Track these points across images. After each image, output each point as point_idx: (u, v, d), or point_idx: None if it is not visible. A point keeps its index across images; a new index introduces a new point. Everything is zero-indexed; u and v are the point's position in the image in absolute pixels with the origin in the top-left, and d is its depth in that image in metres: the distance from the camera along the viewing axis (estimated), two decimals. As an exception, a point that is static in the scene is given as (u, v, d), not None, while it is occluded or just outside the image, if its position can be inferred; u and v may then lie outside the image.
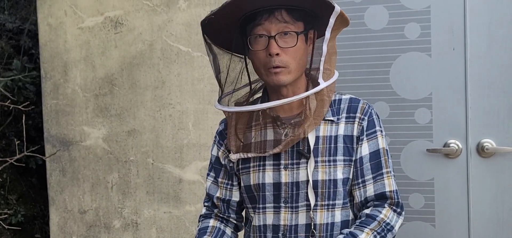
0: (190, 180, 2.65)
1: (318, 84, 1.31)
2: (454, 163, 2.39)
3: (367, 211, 1.36)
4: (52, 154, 2.81)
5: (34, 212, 3.69)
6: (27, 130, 3.15)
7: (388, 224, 1.34)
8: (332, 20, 1.28)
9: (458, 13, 2.34)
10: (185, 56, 2.62)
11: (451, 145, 2.37)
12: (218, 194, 1.50)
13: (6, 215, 3.29)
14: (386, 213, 1.35)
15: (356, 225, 1.34)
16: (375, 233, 1.32)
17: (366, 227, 1.32)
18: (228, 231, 1.50)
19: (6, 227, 3.12)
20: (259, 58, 1.31)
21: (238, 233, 1.56)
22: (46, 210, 3.34)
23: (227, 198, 1.49)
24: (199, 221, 1.54)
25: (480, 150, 2.35)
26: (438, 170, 2.41)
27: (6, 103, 2.98)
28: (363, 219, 1.35)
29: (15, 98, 3.33)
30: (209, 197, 1.53)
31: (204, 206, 1.54)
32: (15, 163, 2.83)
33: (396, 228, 1.36)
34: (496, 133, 2.34)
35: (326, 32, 1.29)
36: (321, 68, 1.30)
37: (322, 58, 1.30)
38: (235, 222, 1.52)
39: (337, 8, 1.27)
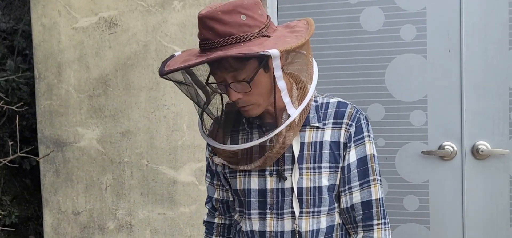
0: (185, 181, 2.64)
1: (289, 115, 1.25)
2: (449, 165, 2.39)
3: None
4: (45, 155, 2.79)
5: (28, 213, 3.67)
6: (21, 131, 3.14)
7: None
8: (275, 63, 1.17)
9: (454, 15, 2.34)
10: None
11: (446, 147, 2.37)
12: (216, 196, 1.52)
13: (0, 216, 3.28)
14: (378, 236, 1.35)
15: None
16: None
17: None
18: None
19: (0, 228, 3.11)
20: (229, 99, 1.28)
21: None
22: (40, 211, 3.33)
23: (225, 198, 1.50)
24: (203, 224, 1.59)
25: (475, 152, 2.35)
26: (433, 172, 2.41)
27: (0, 104, 2.97)
28: None
29: (8, 98, 3.32)
30: (209, 198, 1.55)
31: (207, 208, 1.58)
32: (9, 164, 2.81)
33: None
34: (491, 136, 2.34)
35: (274, 73, 1.19)
36: (286, 100, 1.24)
37: (283, 93, 1.23)
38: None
39: (274, 53, 1.14)
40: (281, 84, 1.21)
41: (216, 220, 1.55)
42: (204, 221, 1.59)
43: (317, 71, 1.32)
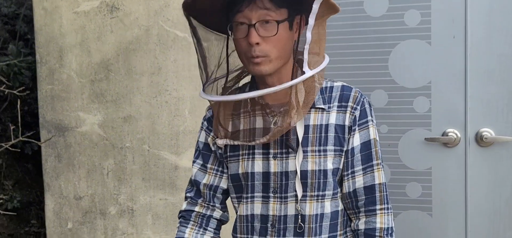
0: (186, 167, 2.62)
1: (303, 72, 1.25)
2: (452, 152, 2.35)
3: (362, 226, 1.34)
4: (47, 139, 2.77)
5: (30, 198, 3.68)
6: (22, 115, 3.13)
7: (387, 229, 1.33)
8: (315, 7, 1.20)
9: (459, 1, 2.29)
10: (182, 42, 2.57)
11: (449, 134, 2.34)
12: (205, 181, 1.43)
13: (1, 201, 3.28)
14: (381, 221, 1.33)
15: None
16: None
17: None
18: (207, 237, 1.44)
19: (2, 212, 3.10)
20: (241, 47, 1.25)
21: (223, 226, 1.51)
22: (42, 196, 3.34)
23: (215, 184, 1.43)
24: (178, 218, 1.47)
25: (479, 139, 2.32)
26: (436, 159, 2.37)
27: (2, 88, 2.96)
28: None
29: (10, 83, 3.30)
30: (193, 186, 1.46)
31: (186, 197, 1.46)
32: (10, 149, 2.81)
33: (393, 225, 1.35)
34: (495, 123, 2.31)
35: (309, 19, 1.21)
36: (305, 56, 1.24)
37: (306, 46, 1.23)
38: (220, 211, 1.46)
39: None
40: (309, 35, 1.21)
41: (196, 209, 1.44)
42: (181, 211, 1.47)
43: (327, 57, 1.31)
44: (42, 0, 2.72)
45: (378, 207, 1.33)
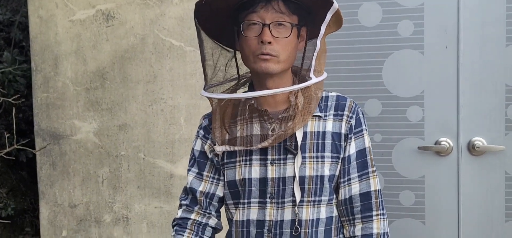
0: (182, 175, 2.61)
1: (306, 80, 1.28)
2: (445, 160, 2.36)
3: (359, 233, 1.36)
4: (42, 148, 2.76)
5: (24, 206, 3.68)
6: (17, 123, 3.12)
7: (384, 234, 1.35)
8: (328, 16, 1.25)
9: (451, 11, 2.31)
10: (178, 51, 2.57)
11: (442, 143, 2.35)
12: (201, 188, 1.43)
13: None
14: (377, 226, 1.35)
15: None
16: None
17: None
18: None
19: None
20: (250, 45, 1.27)
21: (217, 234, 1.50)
22: (37, 204, 3.33)
23: (212, 192, 1.43)
24: (173, 227, 1.46)
25: (471, 148, 2.33)
26: (429, 167, 2.38)
27: None
28: None
29: (5, 90, 3.32)
30: (188, 194, 1.45)
31: (181, 205, 1.46)
32: (5, 157, 2.80)
33: (388, 230, 1.38)
34: (487, 132, 2.32)
35: (321, 27, 1.26)
36: (313, 62, 1.28)
37: (315, 54, 1.28)
38: (215, 219, 1.46)
39: (335, 4, 1.25)
40: (318, 43, 1.27)
41: (192, 216, 1.43)
42: (176, 219, 1.45)
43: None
44: (37, 8, 2.72)
45: (374, 213, 1.35)
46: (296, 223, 1.32)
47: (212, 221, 1.45)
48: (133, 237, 2.72)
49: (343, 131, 1.35)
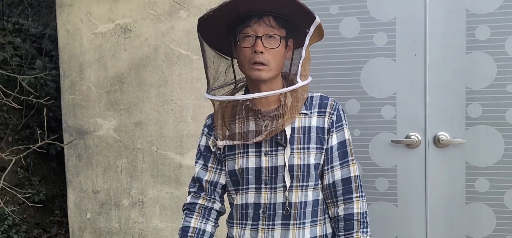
0: (189, 165, 2.63)
1: (294, 84, 1.31)
2: (414, 152, 2.38)
3: (341, 212, 1.37)
4: (69, 142, 2.77)
5: (54, 192, 3.64)
6: (48, 121, 3.11)
7: (363, 213, 1.37)
8: (312, 29, 1.29)
9: (419, 24, 2.32)
10: (185, 59, 2.58)
11: (411, 137, 2.36)
12: (206, 177, 1.46)
13: (29, 194, 3.24)
14: (357, 206, 1.37)
15: (344, 235, 1.37)
16: (362, 231, 1.36)
17: (352, 234, 1.36)
18: (209, 227, 1.46)
19: (30, 204, 3.09)
20: (245, 54, 1.30)
21: (221, 216, 1.54)
22: (65, 190, 3.30)
23: (215, 180, 1.46)
24: (183, 211, 1.48)
25: (436, 141, 2.34)
26: (400, 158, 2.40)
27: (30, 98, 2.95)
28: (343, 224, 1.37)
29: (37, 93, 3.29)
30: (195, 182, 1.48)
31: (190, 192, 1.48)
32: (37, 150, 2.81)
33: (367, 210, 1.41)
34: (450, 127, 2.34)
35: (306, 38, 1.29)
36: (299, 68, 1.30)
37: (301, 61, 1.30)
38: (219, 204, 1.49)
39: (317, 19, 1.29)
40: (304, 52, 1.30)
41: (199, 201, 1.45)
42: (186, 204, 1.47)
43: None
44: (65, 22, 2.73)
45: (354, 195, 1.37)
46: (287, 205, 1.35)
47: (217, 205, 1.48)
48: (148, 218, 2.73)
49: (326, 125, 1.36)
